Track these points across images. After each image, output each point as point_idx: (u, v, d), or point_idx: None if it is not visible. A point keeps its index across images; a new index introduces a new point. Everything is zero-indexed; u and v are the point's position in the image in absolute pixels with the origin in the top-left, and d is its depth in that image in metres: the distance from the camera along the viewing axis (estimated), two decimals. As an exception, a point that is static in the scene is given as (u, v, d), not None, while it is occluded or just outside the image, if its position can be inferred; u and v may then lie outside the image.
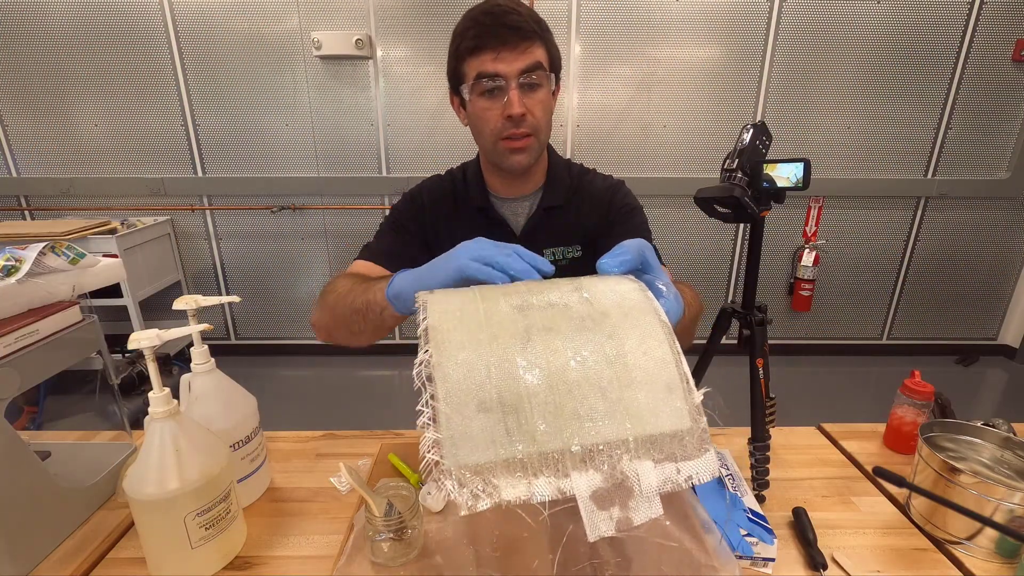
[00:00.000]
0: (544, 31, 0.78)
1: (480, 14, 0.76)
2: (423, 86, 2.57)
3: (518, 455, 0.33)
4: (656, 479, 0.33)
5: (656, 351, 0.36)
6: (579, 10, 2.47)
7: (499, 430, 0.33)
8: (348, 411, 2.49)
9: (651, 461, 0.34)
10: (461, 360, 0.35)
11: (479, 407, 0.33)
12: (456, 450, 0.32)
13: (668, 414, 0.35)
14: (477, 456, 0.32)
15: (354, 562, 0.62)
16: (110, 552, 0.66)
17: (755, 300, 0.77)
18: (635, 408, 0.34)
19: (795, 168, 0.67)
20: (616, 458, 0.33)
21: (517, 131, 0.79)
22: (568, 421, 0.33)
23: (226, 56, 2.54)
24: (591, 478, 0.33)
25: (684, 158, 2.69)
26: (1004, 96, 2.57)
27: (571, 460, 0.33)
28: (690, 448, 0.34)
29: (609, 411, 0.34)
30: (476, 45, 0.76)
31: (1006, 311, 2.96)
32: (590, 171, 0.96)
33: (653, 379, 0.35)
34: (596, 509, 0.32)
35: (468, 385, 0.34)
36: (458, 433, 0.33)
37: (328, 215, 2.79)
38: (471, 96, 0.79)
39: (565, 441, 0.33)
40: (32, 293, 0.66)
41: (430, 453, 0.33)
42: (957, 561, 0.65)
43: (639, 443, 0.34)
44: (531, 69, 0.76)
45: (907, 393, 0.86)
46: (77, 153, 2.68)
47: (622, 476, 0.33)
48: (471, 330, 0.36)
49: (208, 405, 0.67)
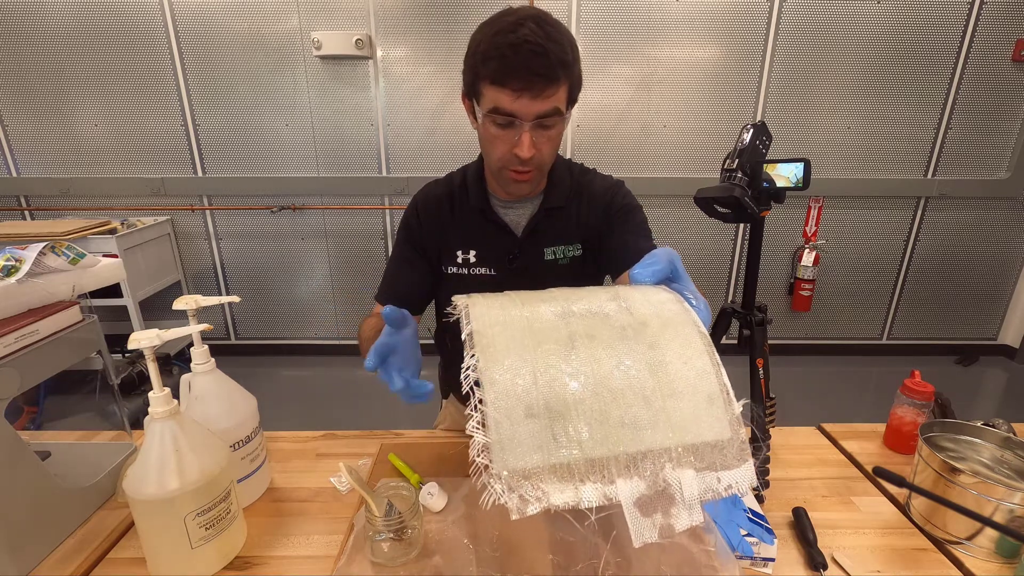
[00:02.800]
0: (570, 67, 0.73)
1: (507, 47, 0.70)
2: (423, 86, 2.57)
3: (565, 461, 0.33)
4: (698, 488, 0.34)
5: (696, 361, 0.36)
6: (579, 10, 2.47)
7: (546, 436, 0.33)
8: (348, 411, 2.49)
9: (693, 470, 0.34)
10: (507, 366, 0.35)
11: (526, 413, 0.34)
12: (505, 455, 0.33)
13: (709, 424, 0.35)
14: (525, 461, 0.33)
15: (354, 562, 0.62)
16: (110, 552, 0.66)
17: (755, 300, 0.77)
18: (678, 417, 0.35)
19: (795, 168, 0.67)
20: (659, 466, 0.34)
21: (523, 167, 0.79)
22: (613, 429, 0.34)
23: (226, 56, 2.54)
24: (635, 485, 0.33)
25: (684, 158, 2.69)
26: (1004, 96, 2.57)
27: (616, 467, 0.33)
28: (730, 458, 0.35)
29: (652, 420, 0.34)
30: (496, 79, 0.72)
31: (1006, 311, 2.96)
32: (590, 171, 0.96)
33: (694, 389, 0.35)
34: (640, 516, 0.33)
35: (515, 391, 0.34)
36: (506, 438, 0.33)
37: (328, 215, 2.79)
38: (483, 118, 0.77)
39: (611, 448, 0.33)
40: (32, 293, 0.66)
41: (480, 457, 0.33)
42: (957, 561, 0.65)
43: (682, 452, 0.34)
44: (549, 114, 0.74)
45: (907, 393, 0.86)
46: (77, 153, 2.68)
47: (664, 484, 0.33)
48: (515, 336, 0.36)
49: (208, 405, 0.67)
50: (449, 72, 2.55)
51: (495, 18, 0.74)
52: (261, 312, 2.98)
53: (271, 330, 3.02)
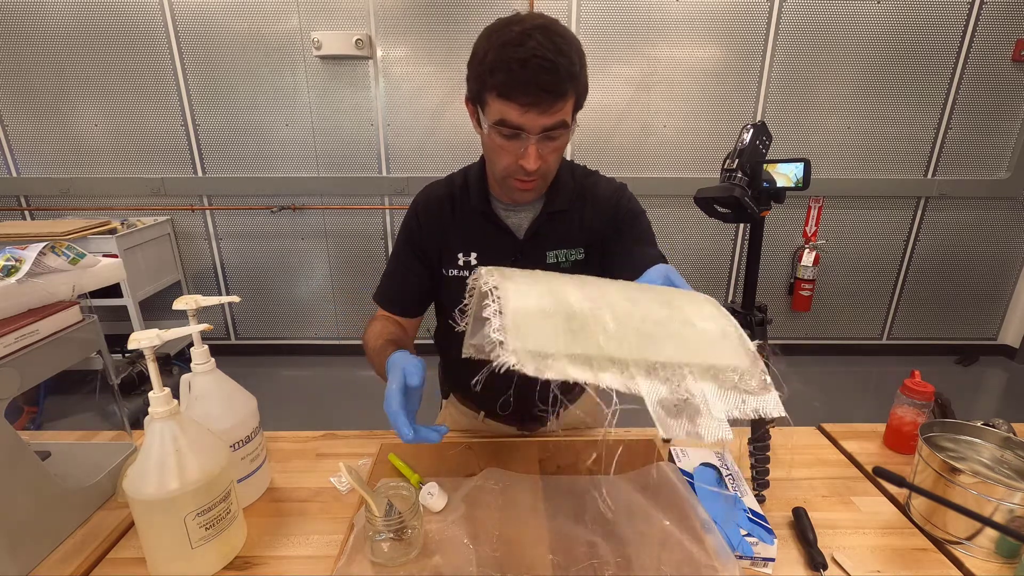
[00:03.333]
0: (577, 78, 0.72)
1: (515, 61, 0.68)
2: (423, 86, 2.57)
3: (583, 352, 0.32)
4: (723, 404, 0.33)
5: (706, 308, 0.37)
6: (579, 10, 2.47)
7: (562, 330, 0.33)
8: (348, 411, 2.49)
9: (715, 386, 0.34)
10: (522, 287, 0.35)
11: (541, 315, 0.33)
12: (521, 337, 0.31)
13: (726, 351, 0.35)
14: (542, 345, 0.31)
15: (354, 562, 0.62)
16: (110, 552, 0.66)
17: (755, 300, 0.77)
18: (693, 340, 0.34)
19: (795, 168, 0.67)
20: (680, 375, 0.33)
21: (528, 177, 0.79)
22: (629, 336, 0.33)
23: (226, 56, 2.54)
24: (656, 387, 0.32)
25: (684, 158, 2.69)
26: (1004, 96, 2.57)
27: (636, 369, 0.32)
28: (752, 385, 0.34)
29: (667, 338, 0.34)
30: (503, 93, 0.70)
31: (1006, 311, 2.96)
32: (593, 173, 0.95)
33: (706, 324, 0.35)
34: (665, 415, 0.32)
35: (529, 299, 0.34)
36: (523, 324, 0.32)
37: (328, 215, 2.79)
38: (490, 132, 0.76)
39: (629, 352, 0.33)
40: (32, 293, 0.66)
41: (495, 333, 0.31)
42: (957, 561, 0.65)
43: (701, 369, 0.33)
44: (554, 128, 0.73)
45: (907, 393, 0.86)
46: (77, 153, 2.68)
47: (687, 394, 0.33)
48: (528, 277, 0.37)
49: (208, 405, 0.67)
50: (449, 72, 2.55)
51: (501, 26, 0.72)
52: (261, 312, 2.98)
53: (271, 330, 3.02)
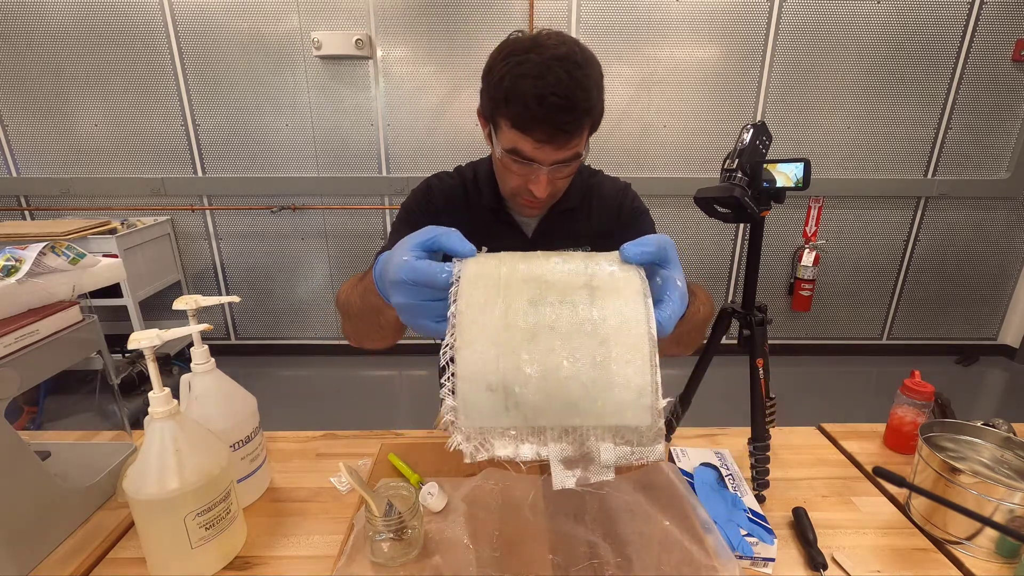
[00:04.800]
0: (595, 108, 0.71)
1: (532, 97, 0.65)
2: (423, 86, 2.57)
3: (511, 426, 0.43)
4: (613, 456, 0.43)
5: (637, 360, 0.44)
6: (579, 10, 2.47)
7: (500, 407, 0.43)
8: (348, 411, 2.49)
9: (612, 444, 0.43)
10: (477, 349, 0.43)
11: (487, 387, 0.43)
12: (467, 415, 0.43)
13: (634, 413, 0.43)
14: (482, 422, 0.43)
15: (354, 562, 0.62)
16: (110, 552, 0.66)
17: (755, 300, 0.77)
18: (610, 407, 0.43)
19: (795, 168, 0.67)
20: (585, 437, 0.43)
21: (536, 200, 0.78)
22: (554, 406, 0.43)
23: (226, 56, 2.54)
24: (563, 448, 0.43)
25: (684, 158, 2.69)
26: (1004, 96, 2.57)
27: (551, 434, 0.43)
28: (646, 439, 0.43)
29: (589, 407, 0.43)
30: (517, 125, 0.69)
31: (1006, 311, 2.96)
32: (597, 173, 0.96)
33: (628, 384, 0.43)
34: (563, 469, 0.43)
35: (480, 369, 0.43)
36: (470, 403, 0.43)
37: (328, 215, 2.79)
38: (501, 152, 0.75)
39: (549, 421, 0.43)
40: (32, 293, 0.66)
41: (448, 415, 0.43)
42: (957, 561, 0.65)
43: (605, 431, 0.43)
44: (567, 160, 0.72)
45: (907, 393, 0.86)
46: (77, 153, 2.68)
47: (587, 450, 0.43)
48: (489, 322, 0.44)
49: (208, 405, 0.67)
50: (449, 72, 2.55)
51: (519, 51, 0.68)
52: (261, 312, 2.98)
53: (271, 330, 3.02)
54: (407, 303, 0.46)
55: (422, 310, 0.46)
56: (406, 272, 0.45)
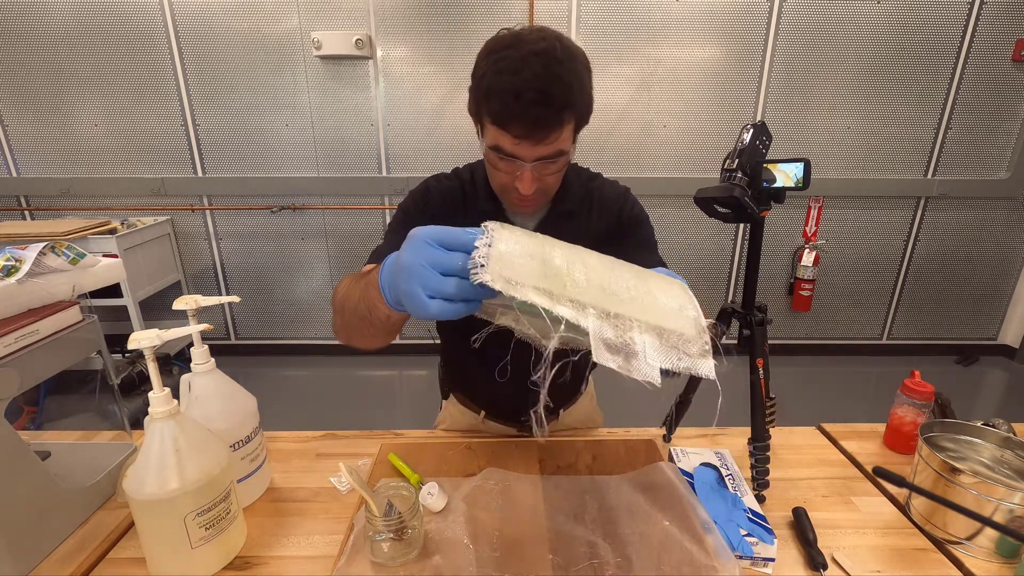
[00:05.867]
0: (576, 103, 0.69)
1: (508, 92, 0.66)
2: (423, 86, 2.57)
3: (549, 288, 0.39)
4: (659, 354, 0.39)
5: (674, 288, 0.44)
6: (579, 10, 2.47)
7: (539, 272, 0.40)
8: (348, 411, 2.49)
9: (658, 340, 0.40)
10: (514, 239, 0.42)
11: (524, 253, 0.40)
12: (500, 266, 0.39)
13: (677, 320, 0.41)
14: (516, 275, 0.39)
15: (354, 562, 0.62)
16: (110, 552, 0.66)
17: (755, 300, 0.77)
18: (651, 305, 0.41)
19: (795, 168, 0.67)
20: (629, 327, 0.40)
21: (523, 197, 0.78)
22: (594, 289, 0.40)
23: (226, 56, 2.54)
24: (603, 328, 0.39)
25: (684, 158, 2.69)
26: (1004, 96, 2.57)
27: (592, 313, 0.39)
28: (693, 350, 0.40)
29: (630, 301, 0.41)
30: (496, 121, 0.69)
31: (1006, 311, 2.96)
32: (597, 176, 0.95)
33: (669, 298, 0.42)
34: (604, 348, 0.38)
35: (517, 248, 0.41)
36: (505, 258, 0.39)
37: (328, 215, 2.79)
38: (486, 150, 0.75)
39: (590, 299, 0.40)
40: (32, 293, 0.66)
41: (480, 259, 0.39)
42: (957, 561, 0.65)
43: (650, 327, 0.40)
44: (550, 156, 0.72)
45: (907, 393, 0.86)
46: (77, 153, 2.68)
47: (631, 340, 0.39)
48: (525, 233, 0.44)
49: (208, 405, 0.67)
50: (449, 72, 2.55)
51: (501, 47, 0.69)
52: (261, 312, 2.98)
53: (271, 330, 3.02)
54: (422, 273, 0.43)
55: (434, 280, 0.43)
56: (432, 234, 0.44)
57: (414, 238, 0.45)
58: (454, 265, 0.42)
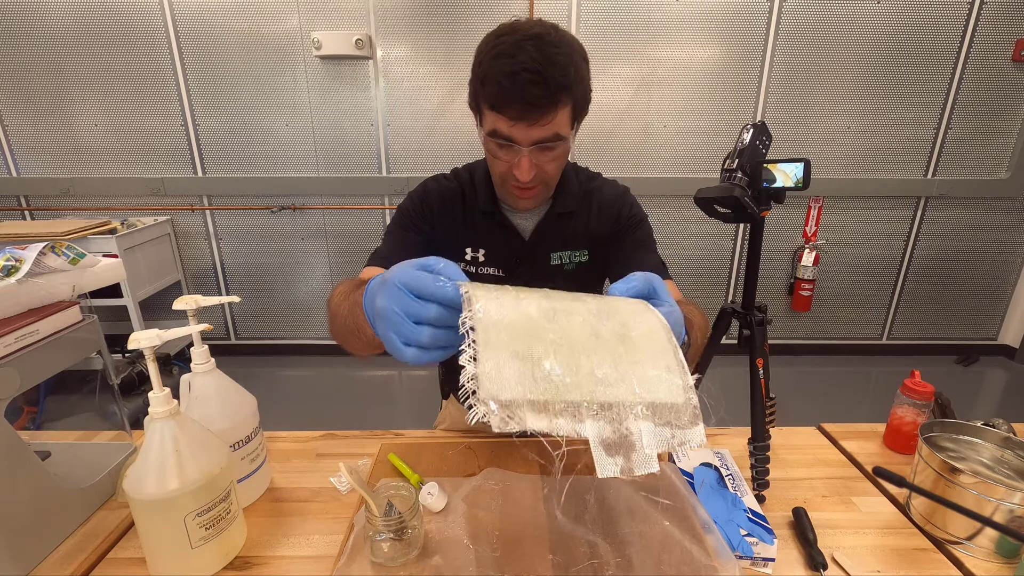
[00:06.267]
0: (572, 87, 0.70)
1: (504, 75, 0.68)
2: (423, 86, 2.57)
3: (543, 398, 0.38)
4: (655, 440, 0.40)
5: (659, 341, 0.43)
6: (579, 10, 2.47)
7: (527, 375, 0.38)
8: (348, 411, 2.49)
9: (652, 423, 0.40)
10: (498, 318, 0.40)
11: (512, 355, 0.39)
12: (491, 384, 0.37)
13: (667, 389, 0.41)
14: (508, 393, 0.37)
15: (354, 562, 0.62)
16: (110, 552, 0.66)
17: (755, 300, 0.77)
18: (640, 380, 0.41)
19: (795, 168, 0.67)
20: (624, 415, 0.39)
21: (524, 185, 0.78)
22: (585, 379, 0.39)
23: (226, 56, 2.54)
24: (602, 428, 0.39)
25: (684, 158, 2.69)
26: (1004, 96, 2.57)
27: (587, 411, 0.39)
28: (684, 420, 0.41)
29: (619, 379, 0.40)
30: (494, 105, 0.71)
31: (1006, 311, 2.96)
32: (597, 176, 0.95)
33: (655, 360, 0.42)
34: (604, 454, 0.38)
35: (504, 338, 0.39)
36: (494, 371, 0.38)
37: (328, 215, 2.79)
38: (485, 138, 0.76)
39: (583, 395, 0.39)
40: (32, 293, 0.66)
41: (469, 382, 0.37)
42: (957, 561, 0.65)
43: (643, 407, 0.40)
44: (547, 140, 0.72)
45: (907, 393, 0.86)
46: (77, 153, 2.68)
47: (628, 432, 0.39)
48: (506, 301, 0.42)
49: (208, 405, 0.67)
50: (449, 72, 2.55)
51: (498, 35, 0.71)
52: (261, 312, 2.98)
53: (271, 330, 3.02)
54: (394, 312, 0.42)
55: (405, 327, 0.42)
56: (405, 280, 0.42)
57: (387, 282, 0.43)
58: (427, 315, 0.41)
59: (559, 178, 0.88)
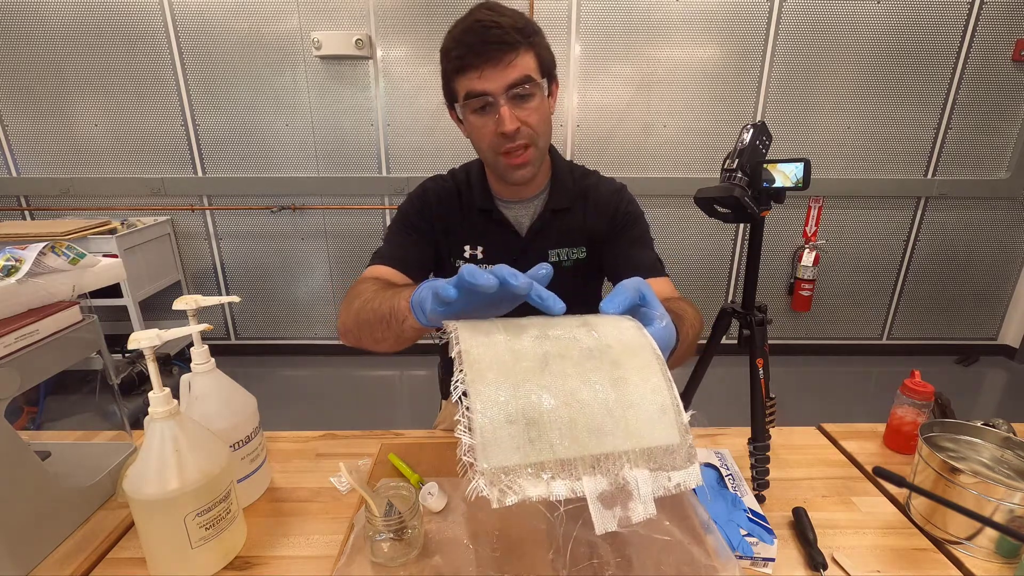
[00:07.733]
0: (530, 36, 0.76)
1: (461, 32, 0.75)
2: (423, 86, 2.57)
3: (538, 460, 0.39)
4: (651, 486, 0.40)
5: (652, 379, 0.43)
6: (579, 10, 2.47)
7: (523, 439, 0.39)
8: (348, 411, 2.49)
9: (648, 470, 0.40)
10: (490, 380, 0.40)
11: (507, 419, 0.39)
12: (488, 454, 0.38)
13: (661, 431, 0.41)
14: (505, 460, 0.38)
15: (354, 562, 0.62)
16: (110, 552, 0.66)
17: (755, 300, 0.77)
18: (635, 425, 0.41)
19: (795, 168, 0.67)
20: (619, 466, 0.40)
21: (513, 145, 0.79)
22: (580, 434, 0.40)
23: (226, 56, 2.54)
24: (598, 482, 0.39)
25: (684, 158, 2.69)
26: (1004, 96, 2.57)
27: (582, 466, 0.39)
28: (679, 460, 0.41)
29: (614, 427, 0.40)
30: (460, 65, 0.75)
31: (1006, 311, 2.96)
32: (592, 173, 0.96)
33: (649, 401, 0.42)
34: (602, 508, 0.39)
35: (497, 401, 0.39)
36: (489, 440, 0.38)
37: (328, 215, 2.79)
38: (465, 113, 0.79)
39: (578, 451, 0.39)
40: (32, 293, 0.66)
41: (466, 456, 0.38)
42: (957, 561, 0.65)
43: (638, 455, 0.40)
44: (519, 83, 0.75)
45: (907, 393, 0.86)
46: (77, 153, 2.68)
47: (624, 481, 0.40)
48: (498, 355, 0.42)
49: (208, 405, 0.67)
50: (449, 72, 2.55)
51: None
52: (261, 312, 2.98)
53: (271, 330, 3.02)
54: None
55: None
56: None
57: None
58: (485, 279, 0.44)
59: (554, 171, 0.89)
